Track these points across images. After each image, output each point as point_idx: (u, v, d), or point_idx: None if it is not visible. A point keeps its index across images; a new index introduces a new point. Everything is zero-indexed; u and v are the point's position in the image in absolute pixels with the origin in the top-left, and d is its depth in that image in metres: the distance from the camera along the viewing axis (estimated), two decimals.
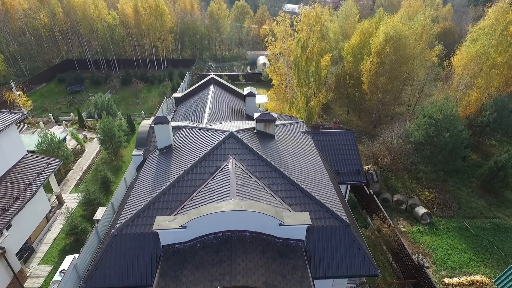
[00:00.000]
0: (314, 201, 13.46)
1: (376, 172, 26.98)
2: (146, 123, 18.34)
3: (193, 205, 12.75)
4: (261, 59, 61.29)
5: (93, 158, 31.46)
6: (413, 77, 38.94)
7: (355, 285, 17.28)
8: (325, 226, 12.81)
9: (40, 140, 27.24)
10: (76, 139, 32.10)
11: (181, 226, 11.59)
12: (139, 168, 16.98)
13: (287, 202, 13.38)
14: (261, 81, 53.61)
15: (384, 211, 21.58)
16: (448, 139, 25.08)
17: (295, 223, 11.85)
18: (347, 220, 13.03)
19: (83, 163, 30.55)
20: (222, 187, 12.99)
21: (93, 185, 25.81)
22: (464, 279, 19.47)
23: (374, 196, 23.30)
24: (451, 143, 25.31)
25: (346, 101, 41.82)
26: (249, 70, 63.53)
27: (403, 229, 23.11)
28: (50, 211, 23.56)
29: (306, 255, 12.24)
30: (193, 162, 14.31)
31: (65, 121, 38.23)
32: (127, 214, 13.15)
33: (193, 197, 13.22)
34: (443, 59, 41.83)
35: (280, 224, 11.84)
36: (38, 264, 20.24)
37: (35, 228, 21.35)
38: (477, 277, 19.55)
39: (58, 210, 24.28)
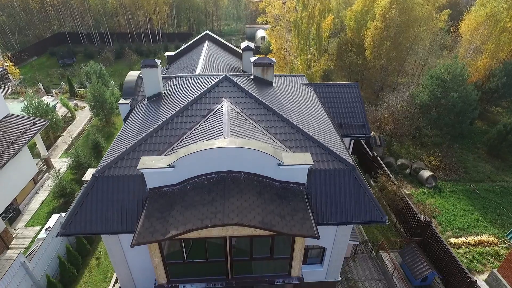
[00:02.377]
0: (316, 144, 12.27)
1: (379, 136, 25.82)
2: (134, 73, 16.95)
3: (183, 147, 11.54)
4: (260, 33, 59.22)
5: (84, 125, 30.16)
6: (418, 45, 37.25)
7: (358, 243, 16.36)
8: (328, 169, 11.65)
9: (26, 104, 25.88)
10: (66, 105, 30.72)
11: (168, 165, 10.42)
12: (126, 118, 15.71)
13: (286, 145, 12.19)
14: (260, 54, 51.81)
15: (388, 171, 20.50)
16: (456, 100, 23.82)
17: (295, 163, 10.68)
18: (352, 163, 11.87)
19: (74, 130, 29.28)
20: (215, 127, 11.77)
21: (83, 149, 24.64)
22: (471, 239, 18.61)
23: (378, 157, 22.19)
24: (460, 104, 24.04)
25: (348, 70, 40.18)
26: None
27: (407, 192, 22.13)
28: (38, 174, 22.46)
29: (307, 199, 11.13)
30: (183, 105, 13.03)
31: (55, 90, 36.70)
32: (110, 157, 11.97)
33: (183, 138, 12.02)
34: (450, 26, 40.02)
35: (279, 164, 10.67)
36: (25, 226, 19.29)
37: (20, 190, 20.28)
38: (484, 237, 18.69)
39: (46, 174, 23.18)
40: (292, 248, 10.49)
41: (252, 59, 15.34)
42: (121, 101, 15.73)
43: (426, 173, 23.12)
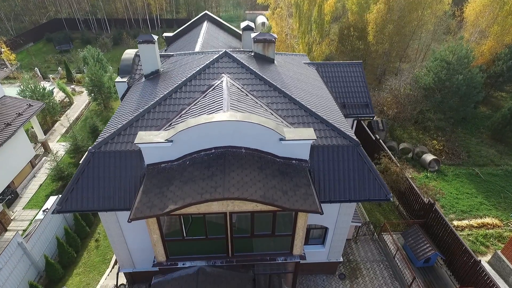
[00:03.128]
0: (319, 120, 11.89)
1: (382, 120, 25.42)
2: (131, 51, 16.46)
3: (181, 122, 11.16)
4: (260, 19, 58.13)
5: (82, 110, 29.71)
6: (421, 29, 36.44)
7: (360, 224, 16.14)
8: (331, 145, 11.31)
9: (22, 87, 25.38)
10: (63, 90, 30.18)
11: (166, 140, 10.06)
12: (123, 97, 15.28)
13: (288, 121, 11.81)
14: None
15: (391, 154, 20.15)
16: (461, 82, 23.30)
17: (298, 138, 10.32)
18: (357, 139, 11.52)
19: (72, 114, 28.83)
20: (214, 102, 11.36)
21: (81, 133, 24.24)
22: (475, 222, 18.40)
23: (381, 141, 21.82)
24: (464, 87, 23.54)
25: (350, 55, 39.34)
26: None
27: (409, 176, 21.82)
28: (35, 158, 22.15)
29: (310, 176, 10.81)
30: (181, 81, 12.60)
31: (52, 75, 36.10)
32: (106, 133, 11.61)
33: (182, 114, 11.63)
34: (454, 10, 39.13)
35: (281, 139, 10.31)
36: (23, 209, 19.06)
37: (18, 172, 20.01)
38: (488, 220, 18.47)
39: (44, 157, 22.85)
40: (294, 225, 10.22)
41: (253, 35, 14.84)
42: (118, 79, 15.28)
43: (428, 157, 22.80)
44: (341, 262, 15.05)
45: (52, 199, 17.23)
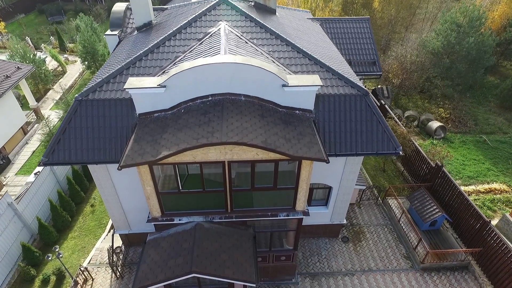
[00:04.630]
0: (326, 69, 11.01)
1: (387, 87, 24.46)
2: (121, 4, 15.30)
3: (176, 67, 10.27)
4: None
5: (75, 79, 28.66)
6: None
7: (364, 187, 15.56)
8: (338, 94, 10.48)
9: (11, 53, 24.22)
10: (56, 58, 28.98)
11: (159, 85, 9.22)
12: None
13: (291, 70, 10.93)
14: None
15: (396, 118, 19.35)
16: (471, 46, 22.15)
17: (302, 84, 9.48)
18: (365, 88, 10.67)
19: (65, 83, 27.79)
20: (211, 48, 10.44)
21: None
22: (482, 187, 17.84)
23: (386, 106, 20.98)
24: (475, 50, 22.41)
25: None
26: None
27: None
28: (27, 125, 21.37)
29: (315, 126, 10.04)
30: (176, 28, 11.60)
31: (44, 44, 34.71)
32: (94, 82, 10.74)
33: (176, 62, 10.73)
34: None
35: (283, 86, 9.47)
36: (15, 174, 18.46)
37: (8, 138, 19.32)
38: (495, 185, 17.91)
39: (36, 124, 22.05)
40: (297, 177, 9.53)
41: None
42: (108, 32, 14.25)
43: (435, 124, 22.01)
44: (344, 225, 14.57)
45: None
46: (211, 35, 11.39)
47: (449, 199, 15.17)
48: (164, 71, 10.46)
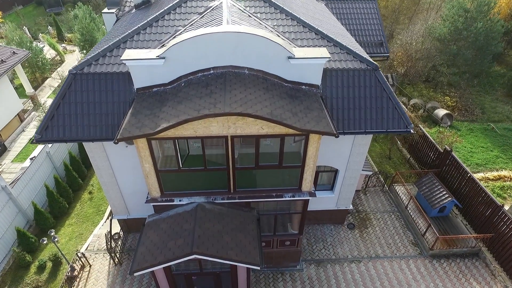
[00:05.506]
0: (333, 43, 10.49)
1: (392, 74, 23.89)
2: None
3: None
4: None
5: None
6: None
7: (371, 173, 15.07)
8: (346, 68, 9.96)
9: (7, 40, 23.68)
10: (54, 46, 28.42)
11: (158, 56, 8.70)
12: None
13: (297, 44, 10.40)
14: None
15: (401, 103, 18.81)
16: (480, 31, 21.55)
17: (309, 56, 8.94)
18: (375, 63, 10.15)
19: (63, 72, 27.22)
20: (213, 21, 9.91)
21: None
22: (490, 174, 17.34)
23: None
24: (483, 36, 21.82)
25: None
26: None
27: None
28: (24, 112, 20.87)
29: (323, 102, 9.52)
30: (175, 2, 11.07)
31: (42, 34, 34.13)
32: (89, 56, 10.21)
33: (176, 35, 10.20)
34: None
35: (289, 58, 8.94)
36: (12, 161, 17.99)
37: (4, 125, 18.83)
38: (505, 172, 17.41)
39: (33, 112, 21.56)
40: (304, 154, 9.02)
41: None
42: (105, 10, 13.72)
43: (441, 112, 21.47)
44: (350, 210, 14.10)
45: (40, 148, 16.05)
46: (213, 8, 10.86)
47: (458, 185, 14.68)
48: (163, 45, 9.94)
